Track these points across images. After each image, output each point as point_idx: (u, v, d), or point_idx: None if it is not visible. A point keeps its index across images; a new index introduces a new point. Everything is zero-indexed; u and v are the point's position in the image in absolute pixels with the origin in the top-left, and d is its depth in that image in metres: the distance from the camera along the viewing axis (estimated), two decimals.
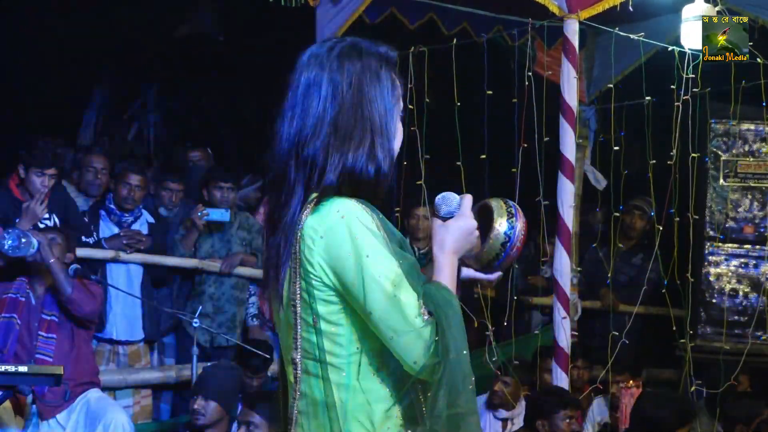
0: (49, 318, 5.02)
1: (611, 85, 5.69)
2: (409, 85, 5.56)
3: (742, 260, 5.99)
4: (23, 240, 4.82)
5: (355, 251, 1.85)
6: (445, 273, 1.96)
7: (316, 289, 1.90)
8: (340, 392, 1.91)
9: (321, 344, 1.92)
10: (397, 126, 2.02)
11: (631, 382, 5.42)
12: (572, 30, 5.09)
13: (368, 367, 1.92)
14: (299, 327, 1.95)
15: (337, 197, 1.90)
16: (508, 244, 2.08)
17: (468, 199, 2.03)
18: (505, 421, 5.39)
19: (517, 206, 2.12)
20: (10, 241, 4.81)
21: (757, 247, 5.97)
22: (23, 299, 5.04)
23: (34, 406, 4.99)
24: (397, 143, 2.03)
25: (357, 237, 1.86)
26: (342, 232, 1.86)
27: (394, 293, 1.84)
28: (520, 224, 2.09)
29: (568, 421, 4.55)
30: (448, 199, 2.04)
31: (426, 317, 1.85)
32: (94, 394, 5.07)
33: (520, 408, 5.32)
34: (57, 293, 4.98)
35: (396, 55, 2.06)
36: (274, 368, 5.68)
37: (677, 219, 5.40)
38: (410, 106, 5.53)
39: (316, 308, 1.91)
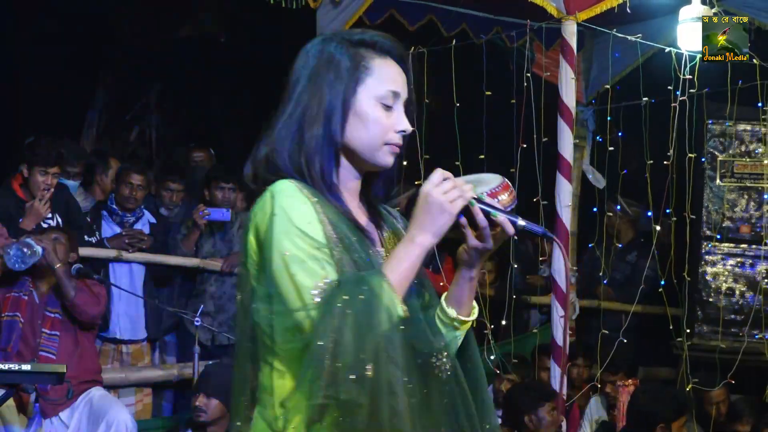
0: (52, 315, 5.03)
1: (609, 86, 5.76)
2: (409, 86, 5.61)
3: (739, 260, 6.01)
4: (27, 251, 4.78)
5: (270, 227, 1.82)
6: (390, 258, 1.84)
7: (251, 268, 1.89)
8: (275, 378, 1.85)
9: (252, 325, 1.88)
10: (359, 110, 1.91)
11: (629, 381, 5.46)
12: (570, 31, 5.13)
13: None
14: (239, 309, 1.95)
15: (283, 179, 1.87)
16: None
17: (433, 174, 1.86)
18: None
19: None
20: (14, 256, 4.76)
21: (754, 246, 5.98)
22: (26, 297, 5.05)
23: (37, 404, 4.97)
24: (363, 129, 1.91)
25: (275, 214, 1.82)
26: (266, 210, 1.84)
27: (292, 270, 1.78)
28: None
29: (550, 412, 4.62)
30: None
31: (319, 299, 1.76)
32: (96, 392, 5.07)
33: None
34: (60, 297, 5.01)
35: (377, 38, 1.96)
36: None
37: (674, 219, 5.45)
38: None
39: (250, 288, 1.89)
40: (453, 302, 1.95)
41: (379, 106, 1.92)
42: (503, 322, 5.40)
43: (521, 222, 1.85)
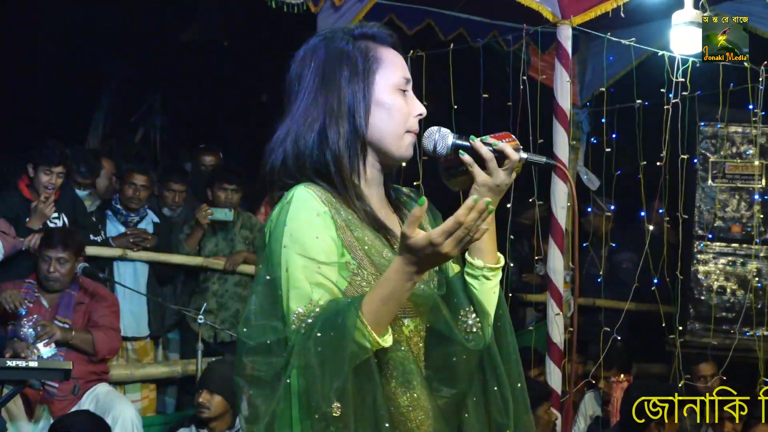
0: (62, 324, 5.01)
1: (603, 89, 5.77)
2: None
3: (730, 258, 6.07)
4: (51, 350, 4.83)
5: (279, 238, 1.82)
6: (380, 287, 1.77)
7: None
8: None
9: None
10: (381, 100, 1.94)
11: (623, 377, 5.52)
12: (565, 35, 5.18)
13: None
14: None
15: (301, 185, 1.87)
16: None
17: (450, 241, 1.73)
18: None
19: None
20: (45, 355, 4.82)
21: (744, 245, 6.04)
22: (32, 304, 5.04)
23: (45, 405, 4.99)
24: (387, 118, 1.94)
25: (286, 223, 1.82)
26: (281, 218, 1.84)
27: (287, 287, 1.79)
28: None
29: (547, 411, 4.68)
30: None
31: (295, 326, 1.77)
32: (102, 388, 5.12)
33: None
34: (86, 353, 5.04)
35: (376, 30, 1.99)
36: None
37: (667, 218, 5.52)
38: None
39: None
40: (476, 253, 1.96)
41: (398, 93, 1.96)
42: None
43: (523, 154, 1.94)
